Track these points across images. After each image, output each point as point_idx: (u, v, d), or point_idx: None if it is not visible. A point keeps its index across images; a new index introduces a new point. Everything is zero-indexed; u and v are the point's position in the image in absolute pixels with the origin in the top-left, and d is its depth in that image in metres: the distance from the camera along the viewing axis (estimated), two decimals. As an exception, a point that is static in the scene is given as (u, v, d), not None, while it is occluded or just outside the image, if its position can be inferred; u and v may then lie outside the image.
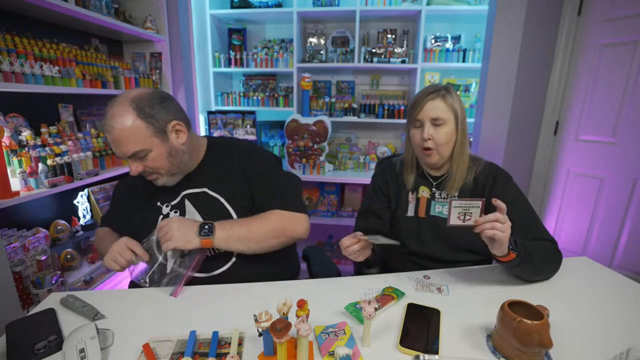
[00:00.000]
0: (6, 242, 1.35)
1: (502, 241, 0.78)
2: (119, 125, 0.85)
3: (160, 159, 0.91)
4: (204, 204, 0.99)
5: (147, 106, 0.88)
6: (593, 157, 2.06)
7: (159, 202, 1.01)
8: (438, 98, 0.96)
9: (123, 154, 0.89)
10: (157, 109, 0.89)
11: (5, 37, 1.34)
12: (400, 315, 0.76)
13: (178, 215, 0.98)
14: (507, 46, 2.01)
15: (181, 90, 2.26)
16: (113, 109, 0.87)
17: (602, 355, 0.65)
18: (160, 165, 0.92)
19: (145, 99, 0.88)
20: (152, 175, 0.94)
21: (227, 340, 0.69)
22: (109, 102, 0.89)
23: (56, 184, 1.45)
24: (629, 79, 1.87)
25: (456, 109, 0.97)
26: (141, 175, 0.94)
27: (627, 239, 1.96)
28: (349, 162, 2.63)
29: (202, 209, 0.99)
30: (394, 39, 2.54)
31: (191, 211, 0.99)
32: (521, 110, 2.10)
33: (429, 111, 0.96)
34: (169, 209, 1.00)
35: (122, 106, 0.87)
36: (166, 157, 0.92)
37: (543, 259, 0.89)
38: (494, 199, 0.80)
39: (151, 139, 0.88)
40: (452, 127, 0.98)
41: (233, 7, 2.50)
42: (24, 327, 0.71)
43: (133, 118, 0.86)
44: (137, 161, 0.90)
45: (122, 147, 0.87)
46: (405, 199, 1.08)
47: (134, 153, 0.88)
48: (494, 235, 0.77)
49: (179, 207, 1.00)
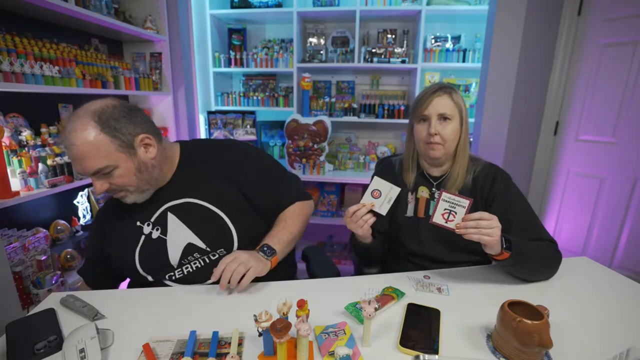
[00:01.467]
0: (6, 242, 1.35)
1: (491, 244, 0.79)
2: (80, 141, 0.79)
3: (128, 176, 0.86)
4: (190, 213, 0.95)
5: (112, 119, 0.82)
6: (593, 157, 2.06)
7: (138, 222, 0.95)
8: (445, 95, 0.97)
9: (85, 172, 0.82)
10: (123, 122, 0.84)
11: (5, 37, 1.34)
12: (400, 315, 0.76)
13: (160, 231, 0.94)
14: (507, 46, 2.01)
15: (181, 90, 2.26)
16: (73, 123, 0.80)
17: (602, 355, 0.65)
18: (128, 182, 0.86)
19: (109, 112, 0.82)
20: (119, 193, 0.88)
21: (227, 340, 0.69)
22: (68, 116, 0.86)
23: (56, 184, 1.45)
24: (629, 79, 1.87)
25: (461, 107, 0.98)
26: (108, 202, 0.92)
27: (627, 239, 1.96)
28: (349, 162, 2.63)
29: (189, 219, 0.94)
30: (394, 39, 2.54)
31: (175, 224, 0.94)
32: (521, 110, 2.10)
33: (436, 106, 0.96)
34: (151, 227, 0.95)
35: (84, 119, 0.80)
36: (134, 173, 0.86)
37: (540, 259, 0.89)
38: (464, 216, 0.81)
39: (116, 154, 0.83)
40: (457, 124, 0.98)
41: (233, 7, 2.50)
42: (24, 327, 0.71)
43: (96, 132, 0.80)
44: (102, 178, 0.84)
45: (84, 164, 0.81)
46: (405, 199, 1.08)
47: (97, 170, 0.82)
48: (480, 240, 0.78)
49: (161, 222, 0.95)
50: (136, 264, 0.95)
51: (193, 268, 0.94)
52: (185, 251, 0.94)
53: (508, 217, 0.96)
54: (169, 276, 0.95)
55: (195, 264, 0.94)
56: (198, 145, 1.06)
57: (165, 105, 2.23)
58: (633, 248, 1.94)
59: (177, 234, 0.94)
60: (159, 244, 0.94)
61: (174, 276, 0.95)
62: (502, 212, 0.97)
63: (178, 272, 0.94)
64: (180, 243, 0.94)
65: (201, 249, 0.94)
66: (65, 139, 0.80)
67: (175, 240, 0.94)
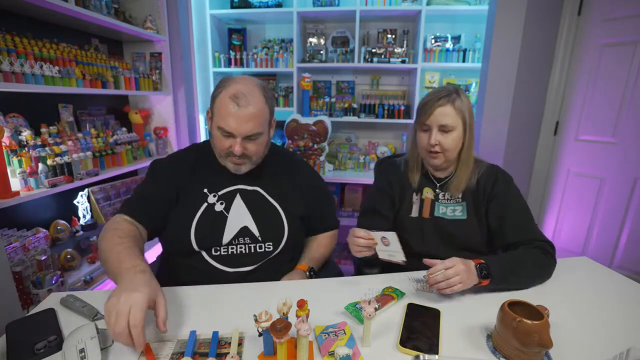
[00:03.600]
0: (6, 242, 1.35)
1: (465, 286, 0.80)
2: (256, 105, 0.88)
3: (262, 146, 0.96)
4: (256, 202, 1.01)
5: (270, 96, 0.94)
6: (593, 157, 2.06)
7: (206, 189, 0.99)
8: (448, 104, 0.96)
9: (243, 132, 0.88)
10: (272, 102, 0.96)
11: (5, 37, 1.34)
12: (400, 315, 0.76)
13: (224, 207, 0.99)
14: (507, 46, 2.01)
15: (181, 90, 2.26)
16: (247, 86, 0.89)
17: (602, 355, 0.65)
18: (259, 151, 0.95)
19: (268, 89, 0.95)
20: (243, 159, 0.94)
21: (227, 340, 0.69)
22: (227, 77, 0.92)
23: (56, 184, 1.45)
24: (629, 79, 1.87)
25: (465, 113, 0.97)
26: (182, 159, 1.01)
27: (627, 239, 1.96)
28: (349, 162, 2.63)
29: (253, 206, 1.00)
30: (394, 39, 2.54)
31: (240, 205, 1.00)
32: (521, 110, 2.10)
33: (438, 117, 0.96)
34: (216, 199, 0.99)
35: (255, 88, 0.90)
36: (265, 145, 0.97)
37: (528, 270, 0.88)
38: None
39: (266, 125, 0.94)
40: (459, 132, 0.98)
41: (233, 7, 2.50)
42: (24, 327, 0.71)
43: (264, 102, 0.91)
44: (247, 142, 0.91)
45: (249, 125, 0.88)
46: (410, 200, 1.08)
47: (255, 133, 0.90)
48: (453, 291, 0.79)
49: (228, 198, 1.00)
50: (192, 227, 0.96)
51: (238, 251, 0.98)
52: (239, 233, 0.98)
53: (503, 215, 0.96)
54: (214, 249, 0.97)
55: (242, 248, 0.99)
56: (279, 150, 1.15)
57: (165, 105, 2.23)
58: (633, 248, 1.95)
59: (238, 215, 0.99)
60: (220, 218, 0.98)
61: (219, 251, 0.98)
62: (498, 210, 0.98)
63: (224, 250, 0.98)
64: (238, 224, 0.99)
65: (253, 236, 0.99)
66: (242, 96, 0.87)
67: (235, 219, 0.99)
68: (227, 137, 0.91)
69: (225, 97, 0.88)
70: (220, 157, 0.96)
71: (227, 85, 0.90)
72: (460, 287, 0.79)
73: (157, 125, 2.25)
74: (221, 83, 0.93)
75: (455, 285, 0.79)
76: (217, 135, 0.92)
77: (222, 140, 0.91)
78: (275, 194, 1.03)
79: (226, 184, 1.01)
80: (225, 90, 0.89)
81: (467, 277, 0.80)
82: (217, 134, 0.91)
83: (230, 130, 0.88)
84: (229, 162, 0.95)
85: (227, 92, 0.88)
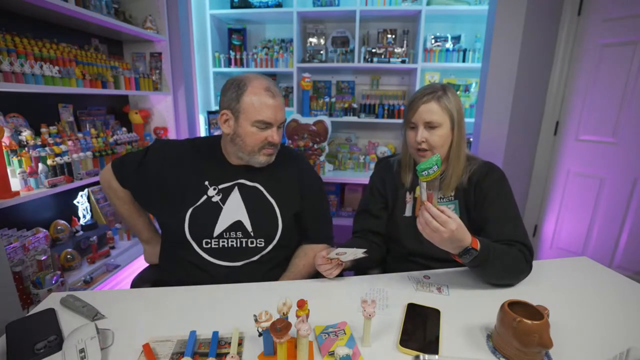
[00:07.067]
0: (6, 242, 1.35)
1: (438, 245, 0.80)
2: (281, 95, 0.98)
3: (280, 137, 0.99)
4: (253, 197, 1.02)
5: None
6: (593, 157, 2.06)
7: (207, 182, 1.01)
8: (433, 101, 0.95)
9: (280, 119, 0.96)
10: None
11: (5, 37, 1.34)
12: (400, 315, 0.76)
13: (220, 198, 1.00)
14: (507, 46, 2.01)
15: (181, 90, 2.26)
16: (268, 79, 0.96)
17: (602, 355, 0.65)
18: (281, 139, 1.00)
19: None
20: (275, 148, 1.00)
21: (227, 340, 0.69)
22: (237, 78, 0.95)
23: (56, 184, 1.45)
24: (629, 79, 1.87)
25: (452, 110, 0.96)
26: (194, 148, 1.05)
27: (627, 239, 1.96)
28: (349, 162, 2.63)
29: (249, 201, 1.01)
30: (394, 39, 2.54)
31: (236, 199, 1.01)
32: (521, 111, 2.10)
33: (422, 114, 0.96)
34: (215, 192, 1.00)
35: (273, 83, 0.98)
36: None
37: (503, 266, 0.86)
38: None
39: None
40: (447, 129, 0.97)
41: (233, 7, 2.50)
42: (24, 327, 0.71)
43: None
44: (280, 130, 0.99)
45: (281, 113, 0.97)
46: (403, 199, 1.08)
47: (284, 121, 1.00)
48: (424, 233, 0.79)
49: (225, 191, 1.01)
50: (187, 216, 0.98)
51: (229, 244, 0.99)
52: (232, 226, 0.99)
53: (486, 212, 0.95)
54: (205, 241, 0.99)
55: (233, 242, 0.99)
56: (285, 149, 1.14)
57: (165, 105, 2.23)
58: (633, 248, 1.94)
59: (233, 208, 1.00)
60: (214, 209, 0.99)
61: (210, 244, 0.99)
62: (483, 208, 0.97)
63: (214, 242, 0.99)
64: (232, 217, 1.00)
65: (246, 231, 1.00)
66: (273, 88, 0.95)
67: (229, 212, 1.00)
68: (264, 130, 0.94)
69: (257, 92, 0.92)
70: (253, 152, 0.97)
71: (248, 83, 0.93)
72: (433, 239, 0.79)
73: (157, 125, 2.25)
74: (238, 83, 0.94)
75: (430, 236, 0.78)
76: (252, 131, 0.94)
77: (259, 134, 0.94)
78: (274, 192, 1.04)
79: (228, 177, 1.02)
80: (250, 87, 0.92)
81: (450, 242, 0.79)
82: (252, 130, 0.94)
83: (270, 120, 0.93)
84: (262, 156, 0.98)
85: (257, 88, 0.92)
